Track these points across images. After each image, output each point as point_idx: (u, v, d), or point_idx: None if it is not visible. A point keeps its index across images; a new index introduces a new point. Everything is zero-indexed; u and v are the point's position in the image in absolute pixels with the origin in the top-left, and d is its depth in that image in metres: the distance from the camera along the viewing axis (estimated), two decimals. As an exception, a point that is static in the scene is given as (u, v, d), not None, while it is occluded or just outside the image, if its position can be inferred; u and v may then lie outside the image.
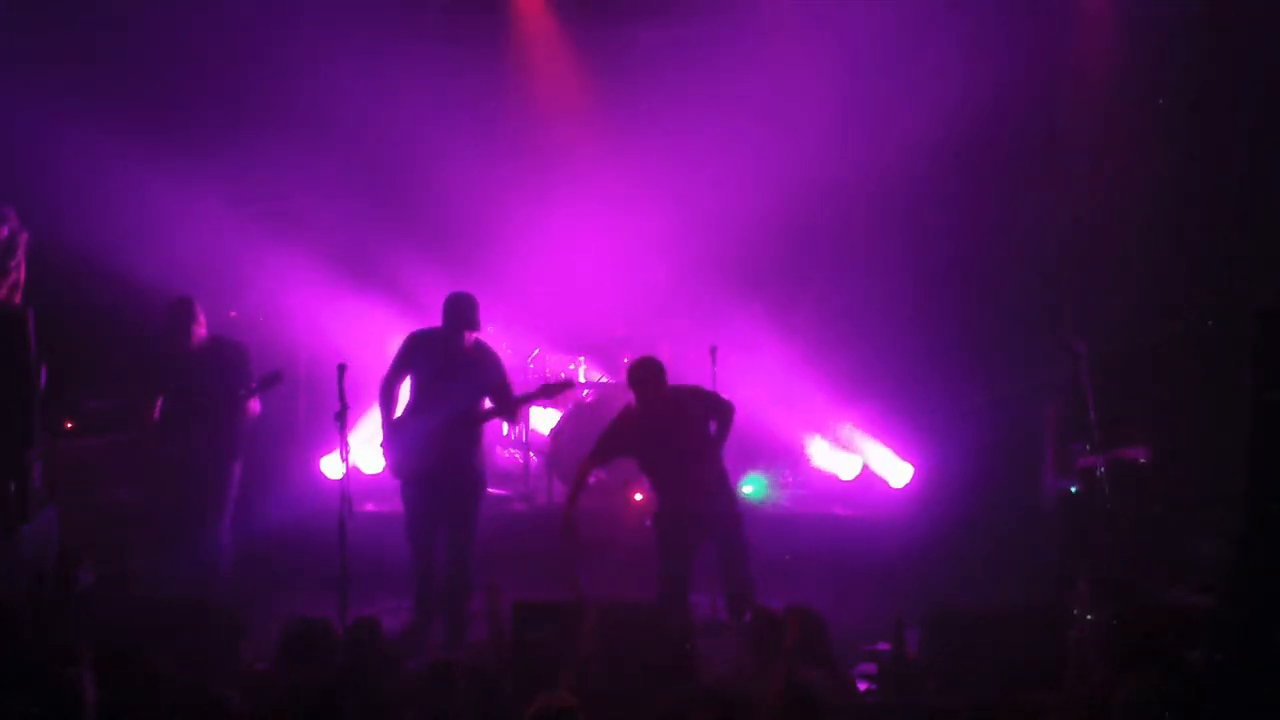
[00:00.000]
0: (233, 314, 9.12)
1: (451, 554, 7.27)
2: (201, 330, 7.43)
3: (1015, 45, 9.23)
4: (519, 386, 9.01)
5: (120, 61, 9.24)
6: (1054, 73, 9.52)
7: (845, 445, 9.65)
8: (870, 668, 6.31)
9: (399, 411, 7.33)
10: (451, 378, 7.17)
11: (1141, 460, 7.53)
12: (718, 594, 7.37)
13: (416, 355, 7.25)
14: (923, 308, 9.50)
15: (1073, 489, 7.48)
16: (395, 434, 7.25)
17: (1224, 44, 8.95)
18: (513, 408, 7.35)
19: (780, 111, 9.88)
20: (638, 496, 8.71)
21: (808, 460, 9.61)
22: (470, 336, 7.19)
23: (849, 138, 9.51)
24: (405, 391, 7.37)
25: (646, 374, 7.06)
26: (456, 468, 7.20)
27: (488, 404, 7.30)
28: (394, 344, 8.92)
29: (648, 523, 7.31)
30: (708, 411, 7.18)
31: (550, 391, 7.42)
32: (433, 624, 7.31)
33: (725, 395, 7.76)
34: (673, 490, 7.10)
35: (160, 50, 9.37)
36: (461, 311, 7.14)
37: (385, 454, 7.36)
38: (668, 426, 7.06)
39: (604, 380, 9.96)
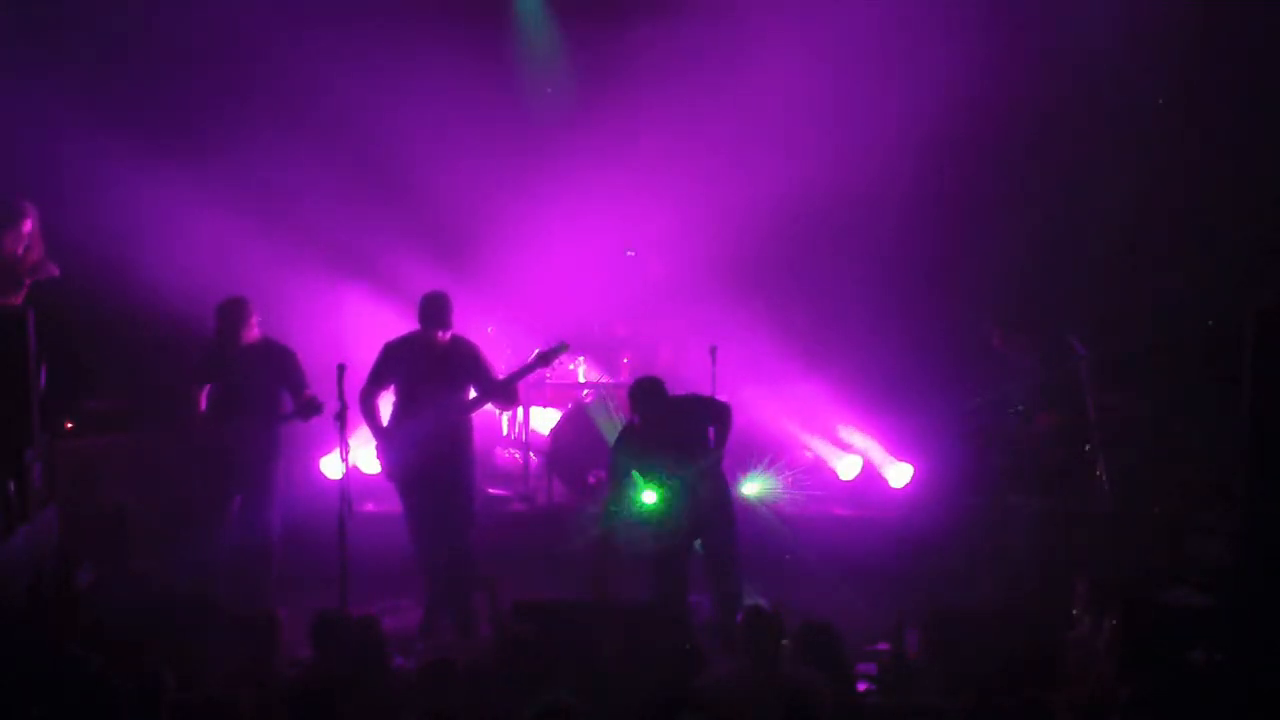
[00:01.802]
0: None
1: (452, 548, 7.28)
2: (253, 331, 7.45)
3: (1013, 46, 9.23)
4: (522, 387, 9.01)
5: (122, 62, 9.24)
6: (1051, 72, 9.51)
7: (845, 445, 9.64)
8: (870, 668, 6.31)
9: (385, 418, 7.37)
10: (435, 376, 7.23)
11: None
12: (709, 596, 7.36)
13: (394, 363, 7.32)
14: (923, 307, 9.49)
15: None
16: (388, 440, 7.29)
17: (1222, 42, 8.95)
18: (508, 387, 7.38)
19: (779, 112, 9.87)
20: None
21: (808, 460, 9.60)
22: (447, 334, 7.25)
23: (848, 137, 9.50)
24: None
25: (647, 394, 7.06)
26: (450, 463, 7.25)
27: (473, 393, 7.34)
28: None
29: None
30: (706, 419, 7.18)
31: (546, 359, 7.48)
32: (440, 621, 7.31)
33: (725, 395, 7.75)
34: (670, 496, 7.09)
35: (162, 51, 9.36)
36: (437, 311, 7.21)
37: (380, 461, 7.39)
38: (668, 438, 7.07)
39: (604, 380, 9.94)
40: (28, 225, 7.51)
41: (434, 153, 9.73)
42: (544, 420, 9.82)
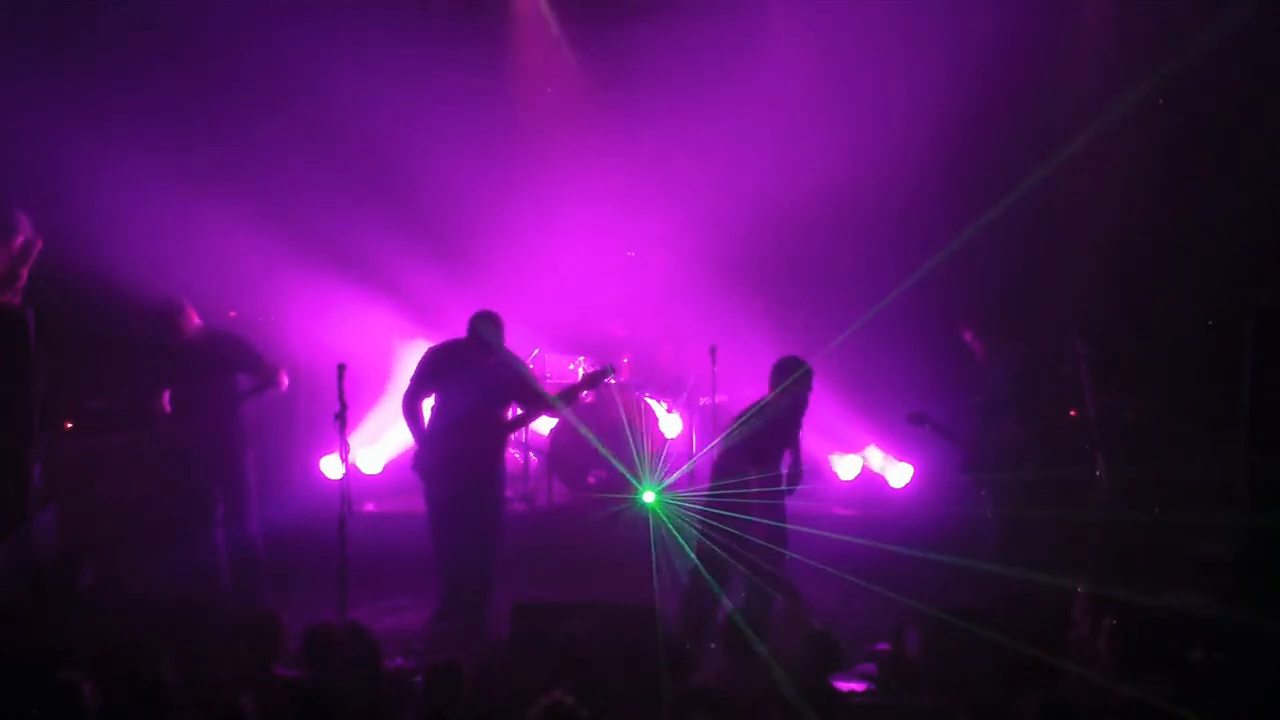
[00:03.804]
0: (233, 314, 9.11)
1: (476, 561, 7.24)
2: (191, 325, 7.42)
3: (1011, 46, 9.22)
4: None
5: (122, 63, 9.23)
6: (1051, 72, 9.52)
7: (845, 445, 9.63)
8: (870, 668, 6.31)
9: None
10: (481, 390, 7.20)
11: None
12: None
13: (441, 370, 7.28)
14: (923, 306, 9.48)
15: None
16: (429, 443, 7.25)
17: (1220, 42, 8.95)
18: (554, 404, 7.43)
19: (779, 112, 9.88)
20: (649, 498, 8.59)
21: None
22: (494, 355, 7.23)
23: (849, 137, 9.50)
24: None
25: (801, 373, 7.14)
26: (483, 477, 7.23)
27: (518, 410, 7.34)
28: (395, 344, 8.87)
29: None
30: (792, 435, 7.24)
31: (593, 381, 7.52)
32: (447, 624, 7.29)
33: (724, 395, 7.76)
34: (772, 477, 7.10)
35: (161, 52, 9.36)
36: (490, 331, 7.19)
37: (417, 465, 7.33)
38: (779, 425, 7.11)
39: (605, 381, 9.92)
40: (19, 239, 7.46)
41: (434, 152, 9.73)
42: (544, 420, 9.81)
